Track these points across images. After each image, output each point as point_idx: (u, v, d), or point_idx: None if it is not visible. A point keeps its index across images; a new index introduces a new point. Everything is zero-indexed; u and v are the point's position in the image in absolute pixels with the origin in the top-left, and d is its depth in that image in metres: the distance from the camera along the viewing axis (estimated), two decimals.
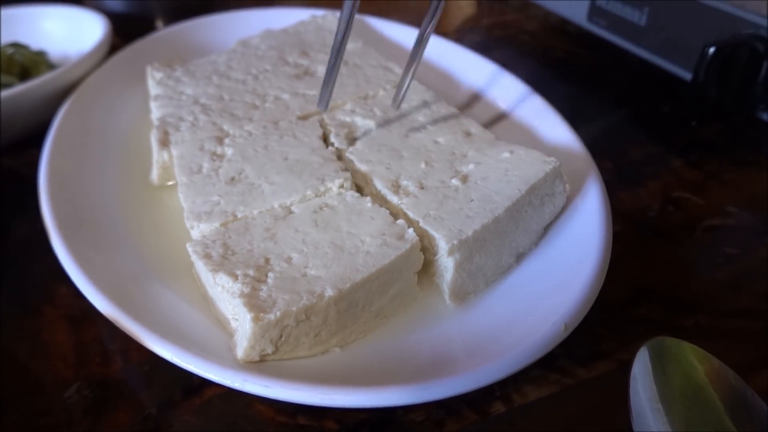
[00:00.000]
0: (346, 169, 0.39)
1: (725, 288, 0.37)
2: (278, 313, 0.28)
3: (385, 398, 0.26)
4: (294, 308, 0.28)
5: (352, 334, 0.31)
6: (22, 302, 0.38)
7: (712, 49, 0.42)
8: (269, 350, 0.29)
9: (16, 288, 0.39)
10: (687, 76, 0.49)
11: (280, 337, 0.29)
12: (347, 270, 0.31)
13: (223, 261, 0.32)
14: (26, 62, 0.56)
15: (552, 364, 0.32)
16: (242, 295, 0.29)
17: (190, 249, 0.33)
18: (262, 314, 0.28)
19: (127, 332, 0.30)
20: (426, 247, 0.34)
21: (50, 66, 0.57)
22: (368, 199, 0.36)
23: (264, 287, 0.30)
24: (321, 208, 0.36)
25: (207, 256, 0.32)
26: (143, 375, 0.33)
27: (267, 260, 0.32)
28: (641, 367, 0.28)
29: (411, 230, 0.33)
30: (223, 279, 0.31)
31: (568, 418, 0.31)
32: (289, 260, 0.32)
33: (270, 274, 0.31)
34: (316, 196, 0.37)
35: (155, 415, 0.31)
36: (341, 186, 0.37)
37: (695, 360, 0.29)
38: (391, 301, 0.33)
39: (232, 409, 0.31)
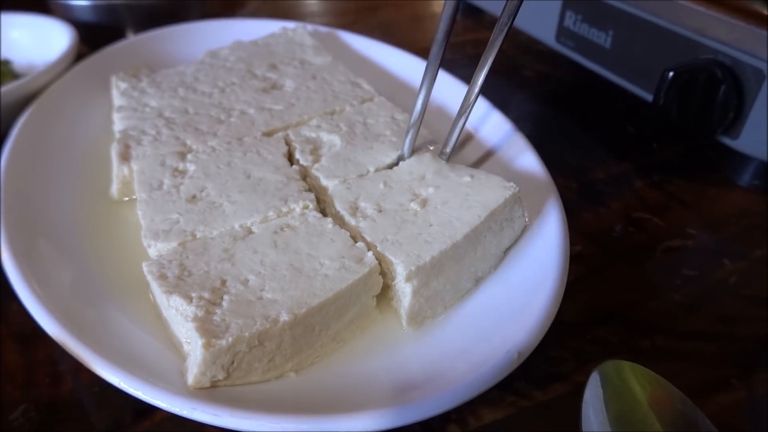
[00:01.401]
0: (310, 190, 0.39)
1: (682, 309, 0.38)
2: (230, 339, 0.28)
3: (339, 426, 0.26)
4: (246, 333, 0.28)
5: (308, 358, 0.31)
6: None
7: (671, 74, 0.43)
8: (220, 376, 0.28)
9: None
10: (649, 98, 0.50)
11: (232, 362, 0.28)
12: (304, 294, 0.31)
13: (179, 282, 0.31)
14: None
15: (508, 386, 0.33)
16: (195, 318, 0.29)
17: (145, 269, 0.33)
18: (213, 340, 0.27)
19: (75, 356, 0.29)
20: (384, 272, 0.34)
21: (14, 75, 0.56)
22: (329, 220, 0.36)
23: (218, 310, 0.29)
24: (282, 229, 0.35)
25: (162, 277, 0.32)
26: (93, 396, 0.32)
27: (223, 282, 0.32)
28: (592, 392, 0.28)
29: (370, 253, 0.33)
30: (177, 301, 0.30)
31: None
32: (245, 282, 0.32)
33: (225, 297, 0.30)
34: (278, 216, 0.36)
35: None
36: (305, 207, 0.37)
37: (647, 384, 0.29)
38: (349, 324, 0.33)
39: None
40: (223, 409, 0.26)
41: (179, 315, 0.30)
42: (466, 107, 0.40)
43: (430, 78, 0.39)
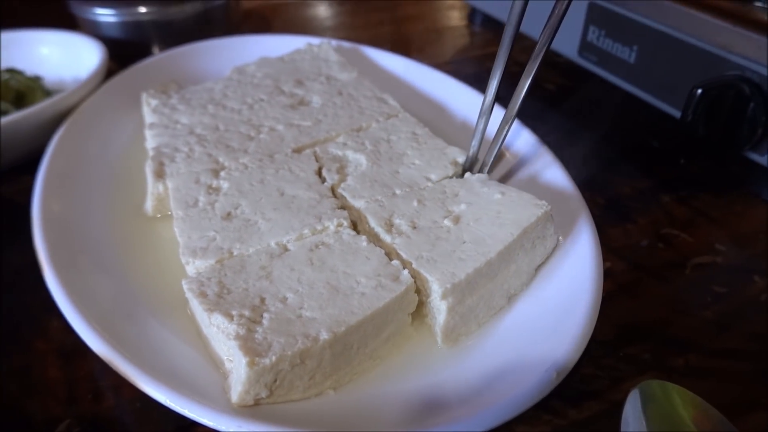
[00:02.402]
0: (343, 207, 0.39)
1: (714, 327, 0.38)
2: (273, 358, 0.28)
3: None
4: (289, 352, 0.29)
5: (346, 375, 0.31)
6: (14, 336, 0.37)
7: (699, 91, 0.43)
8: (263, 394, 0.29)
9: (8, 321, 0.38)
10: (675, 113, 0.50)
11: (275, 381, 0.29)
12: (342, 312, 0.31)
13: (219, 300, 0.32)
14: (21, 88, 0.56)
15: (544, 404, 0.32)
16: (237, 337, 0.29)
17: (185, 286, 0.33)
18: (257, 359, 0.28)
19: (121, 373, 0.30)
20: (419, 289, 0.34)
21: (45, 92, 0.58)
22: (364, 238, 0.36)
23: (259, 329, 0.30)
24: (317, 246, 0.36)
25: (202, 295, 0.32)
26: (135, 413, 0.33)
27: (262, 300, 0.32)
28: (632, 411, 0.29)
29: (406, 272, 0.33)
30: (218, 319, 0.31)
31: None
32: (284, 300, 0.32)
33: (265, 315, 0.31)
34: (313, 234, 0.37)
35: None
36: (339, 225, 0.37)
37: (684, 403, 0.29)
38: (385, 342, 0.33)
39: None
40: (268, 426, 0.27)
41: (221, 333, 0.30)
42: (501, 131, 0.40)
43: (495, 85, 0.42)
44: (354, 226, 0.39)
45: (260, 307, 0.32)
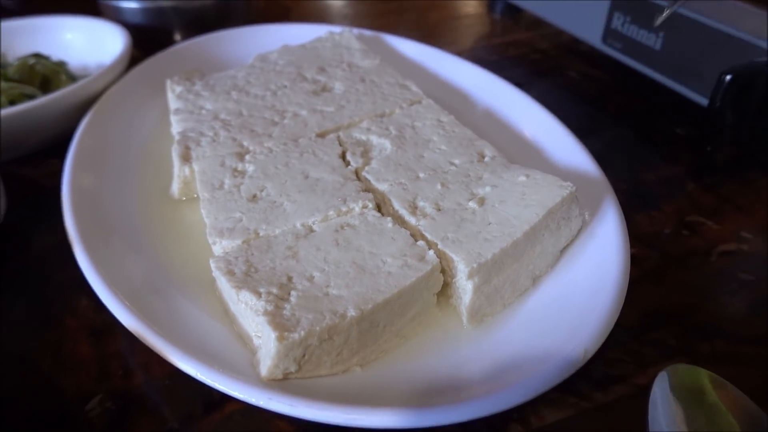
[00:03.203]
0: (367, 190, 0.39)
1: (740, 314, 0.37)
2: (302, 333, 0.28)
3: (407, 419, 0.26)
4: (318, 328, 0.29)
5: (372, 353, 0.32)
6: (45, 313, 0.38)
7: (729, 77, 0.43)
8: (292, 369, 0.29)
9: (38, 299, 0.39)
10: (702, 100, 0.49)
11: (303, 356, 0.29)
12: (369, 290, 0.31)
13: (246, 278, 0.32)
14: (47, 73, 0.57)
15: (570, 387, 0.33)
16: (266, 313, 0.30)
17: (213, 265, 0.34)
18: (286, 333, 0.28)
19: (152, 348, 0.30)
20: (444, 269, 0.34)
21: (70, 77, 0.58)
22: (389, 219, 0.36)
23: (287, 305, 0.30)
24: (342, 228, 0.36)
25: (230, 273, 0.33)
26: (164, 389, 0.33)
27: (289, 278, 0.32)
28: (660, 393, 0.29)
29: (431, 252, 0.34)
30: (246, 296, 0.31)
31: None
32: (311, 279, 0.32)
33: (292, 293, 0.31)
34: (338, 216, 0.37)
35: (177, 429, 0.31)
36: (364, 207, 0.37)
37: (713, 387, 0.29)
38: (411, 321, 0.33)
39: (253, 425, 0.31)
40: (299, 399, 0.27)
41: (249, 309, 0.31)
42: None
43: None
44: (378, 208, 0.39)
45: (287, 285, 0.32)
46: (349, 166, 0.42)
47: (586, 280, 0.35)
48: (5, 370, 0.35)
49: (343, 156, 0.43)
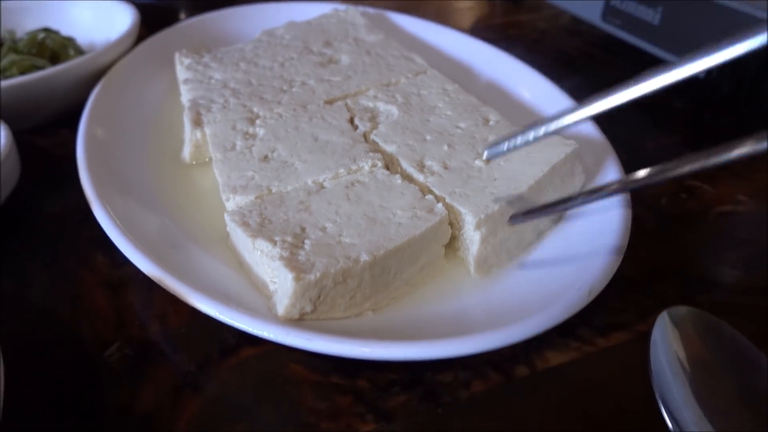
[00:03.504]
0: (376, 151, 0.40)
1: (737, 268, 0.39)
2: (318, 274, 0.30)
3: (420, 352, 0.28)
4: (332, 270, 0.30)
5: (383, 299, 0.33)
6: (61, 268, 0.39)
7: None
8: (308, 309, 0.30)
9: (54, 256, 0.40)
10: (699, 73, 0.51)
11: (319, 297, 0.30)
12: (380, 239, 0.32)
13: (261, 228, 0.33)
14: (56, 47, 0.58)
15: (572, 333, 0.34)
16: (282, 257, 0.31)
17: (227, 218, 0.35)
18: (303, 274, 0.29)
19: (172, 291, 0.31)
20: (451, 222, 0.36)
21: (79, 51, 0.59)
22: (398, 176, 0.37)
23: (302, 252, 0.31)
24: (352, 184, 0.37)
25: (245, 224, 0.34)
26: (181, 337, 0.34)
27: (303, 229, 0.34)
28: (661, 332, 0.30)
29: (440, 204, 0.35)
30: (262, 244, 0.32)
31: (589, 382, 0.32)
32: (324, 229, 0.34)
33: (306, 241, 0.32)
34: (348, 173, 0.38)
35: (195, 372, 0.32)
36: (373, 166, 0.39)
37: (711, 327, 0.30)
38: (420, 270, 0.34)
39: (268, 369, 0.32)
40: (316, 334, 0.28)
41: (265, 257, 0.32)
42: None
43: None
44: (387, 168, 0.40)
45: (301, 235, 0.33)
46: (358, 130, 0.43)
47: (589, 233, 0.36)
48: (25, 321, 0.36)
49: (351, 121, 0.44)
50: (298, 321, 0.30)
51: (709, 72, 0.47)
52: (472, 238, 0.34)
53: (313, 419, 0.30)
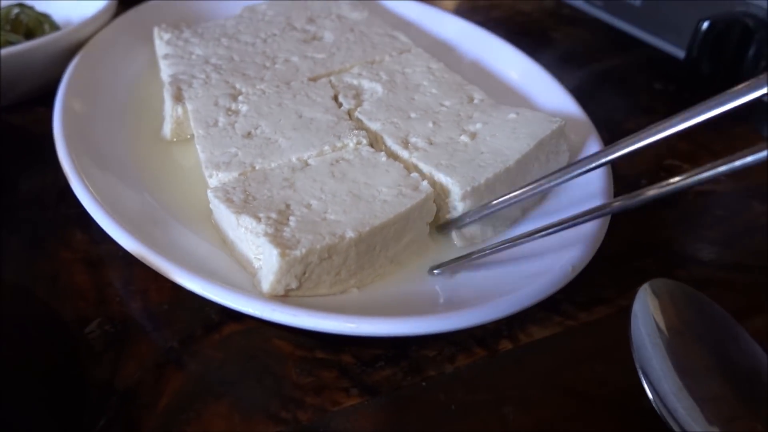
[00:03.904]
0: (361, 129, 0.40)
1: (716, 245, 0.39)
2: (303, 250, 0.29)
3: (406, 327, 0.28)
4: (318, 246, 0.30)
5: (368, 276, 0.33)
6: (40, 247, 0.38)
7: (706, 24, 0.45)
8: (293, 285, 0.30)
9: (32, 234, 0.39)
10: (679, 53, 0.51)
11: (304, 273, 0.30)
12: (366, 215, 0.32)
13: (245, 205, 0.33)
14: (31, 23, 0.56)
15: (555, 308, 0.34)
16: (267, 234, 0.30)
17: (211, 195, 0.34)
18: (288, 250, 0.29)
19: (154, 267, 0.31)
20: (438, 194, 0.35)
21: (55, 28, 0.57)
22: (383, 153, 0.37)
23: (287, 228, 0.31)
24: (337, 161, 0.37)
25: (229, 201, 0.33)
26: (163, 313, 0.34)
27: (287, 206, 0.33)
28: (641, 305, 0.30)
29: (425, 182, 0.35)
30: (246, 221, 0.32)
31: (572, 354, 0.32)
32: (308, 206, 0.33)
33: (291, 218, 0.32)
34: (333, 151, 0.38)
35: (177, 349, 0.32)
36: (358, 143, 0.38)
37: (690, 299, 0.31)
38: (405, 248, 0.34)
39: (252, 345, 0.32)
40: (301, 310, 0.28)
41: (249, 233, 0.31)
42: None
43: None
44: (371, 146, 0.40)
45: (286, 212, 0.33)
46: (342, 108, 0.42)
47: (572, 211, 0.36)
48: (4, 299, 0.35)
49: (335, 98, 0.44)
50: (283, 297, 0.30)
51: (690, 48, 0.47)
52: (458, 209, 0.34)
53: (298, 394, 0.30)
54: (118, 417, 0.29)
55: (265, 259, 0.31)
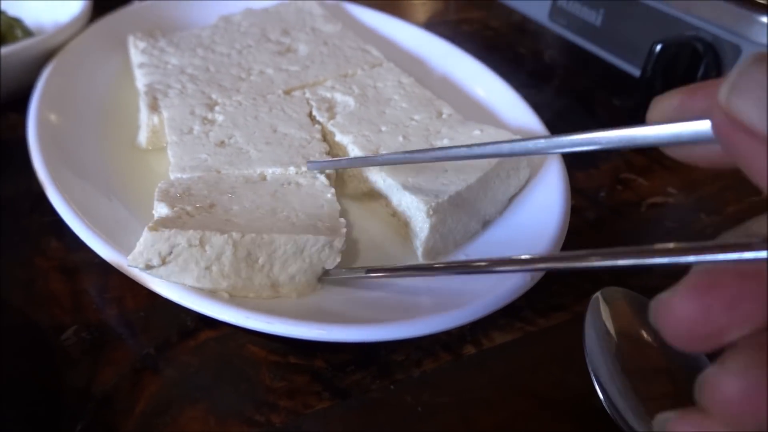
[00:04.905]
0: (332, 147, 0.42)
1: None
2: (173, 230, 0.30)
3: (375, 334, 0.29)
4: (191, 231, 0.30)
5: (243, 288, 0.32)
6: (14, 254, 0.38)
7: (659, 46, 0.48)
8: (155, 262, 0.30)
9: (5, 241, 0.40)
10: (636, 72, 0.54)
11: (170, 253, 0.30)
12: (264, 227, 0.32)
13: (174, 197, 0.34)
14: (3, 28, 0.56)
15: (516, 314, 0.36)
16: (162, 216, 0.32)
17: (160, 185, 0.35)
18: (159, 227, 0.30)
19: (131, 276, 0.31)
20: (403, 211, 0.37)
21: (27, 32, 0.57)
22: (332, 191, 0.37)
23: (189, 219, 0.32)
24: (289, 183, 0.37)
25: (164, 192, 0.34)
26: (139, 320, 0.35)
27: (212, 206, 0.34)
28: (593, 312, 0.33)
29: (344, 230, 0.33)
30: (160, 207, 0.33)
31: (531, 358, 0.35)
32: (227, 211, 0.34)
33: (203, 214, 0.33)
34: (296, 173, 0.39)
35: (154, 355, 0.33)
36: (321, 172, 0.39)
37: (641, 305, 0.33)
38: (290, 280, 0.33)
39: (227, 351, 0.33)
40: (276, 318, 0.29)
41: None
42: None
43: None
44: (328, 178, 0.40)
45: (203, 209, 0.33)
46: (316, 125, 0.44)
47: (531, 223, 0.38)
48: None
49: (310, 115, 0.45)
50: (259, 305, 0.31)
51: (645, 68, 0.50)
52: (422, 226, 0.36)
53: (272, 398, 0.31)
54: (96, 422, 0.30)
55: None
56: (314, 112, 0.45)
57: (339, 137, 0.43)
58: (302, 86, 0.48)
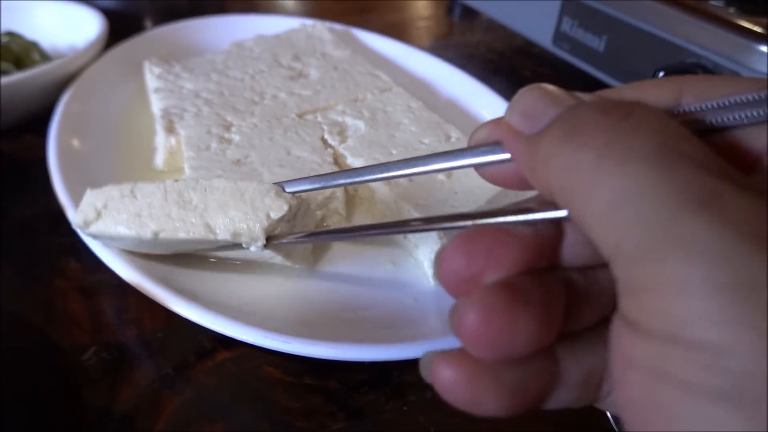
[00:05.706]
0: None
1: None
2: (109, 186, 0.33)
3: (390, 353, 0.30)
4: (123, 183, 0.32)
5: (174, 230, 0.32)
6: (33, 275, 0.39)
7: (661, 73, 0.49)
8: (92, 216, 0.32)
9: (25, 262, 0.40)
10: None
11: (105, 206, 0.32)
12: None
13: None
14: (20, 51, 0.58)
15: None
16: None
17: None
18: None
19: (151, 296, 0.32)
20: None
21: (44, 56, 0.59)
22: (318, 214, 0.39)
23: None
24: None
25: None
26: (158, 341, 0.35)
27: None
28: None
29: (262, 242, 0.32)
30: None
31: None
32: None
33: None
34: None
35: (172, 375, 0.33)
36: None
37: None
38: (230, 223, 0.32)
39: (243, 371, 0.34)
40: (293, 338, 0.30)
41: None
42: None
43: None
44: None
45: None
46: (328, 149, 0.45)
47: None
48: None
49: (323, 138, 0.46)
50: (278, 326, 0.32)
51: None
52: (433, 247, 0.37)
53: (288, 418, 0.32)
54: None
55: None
56: (326, 136, 0.46)
57: (350, 160, 0.44)
58: (314, 110, 0.49)
